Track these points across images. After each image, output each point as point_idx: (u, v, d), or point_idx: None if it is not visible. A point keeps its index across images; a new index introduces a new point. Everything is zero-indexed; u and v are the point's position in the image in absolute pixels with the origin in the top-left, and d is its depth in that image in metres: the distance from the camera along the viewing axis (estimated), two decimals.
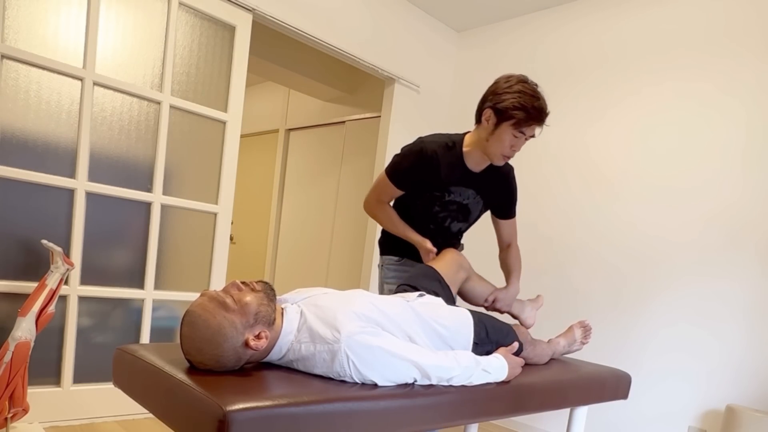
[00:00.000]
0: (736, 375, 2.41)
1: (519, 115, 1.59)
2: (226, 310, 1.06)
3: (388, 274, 1.95)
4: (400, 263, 1.93)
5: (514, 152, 1.70)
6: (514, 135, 1.64)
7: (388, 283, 1.94)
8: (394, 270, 1.94)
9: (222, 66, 2.63)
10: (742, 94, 2.47)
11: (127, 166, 2.39)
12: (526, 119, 1.60)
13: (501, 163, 1.74)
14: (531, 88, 1.61)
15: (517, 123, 1.61)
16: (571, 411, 1.81)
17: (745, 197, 2.43)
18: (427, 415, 1.16)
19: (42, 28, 2.10)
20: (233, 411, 0.86)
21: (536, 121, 1.62)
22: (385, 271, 1.96)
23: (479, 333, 1.45)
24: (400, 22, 3.36)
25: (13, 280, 2.13)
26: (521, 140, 1.66)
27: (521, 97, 1.58)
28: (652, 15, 2.79)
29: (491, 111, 1.64)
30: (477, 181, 1.81)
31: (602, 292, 2.88)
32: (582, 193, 3.00)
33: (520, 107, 1.58)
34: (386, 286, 1.94)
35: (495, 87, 1.66)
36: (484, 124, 1.68)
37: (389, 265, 1.95)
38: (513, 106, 1.59)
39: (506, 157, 1.71)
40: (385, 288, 1.94)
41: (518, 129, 1.62)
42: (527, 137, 1.67)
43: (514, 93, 1.59)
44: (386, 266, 1.96)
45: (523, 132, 1.64)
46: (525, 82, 1.62)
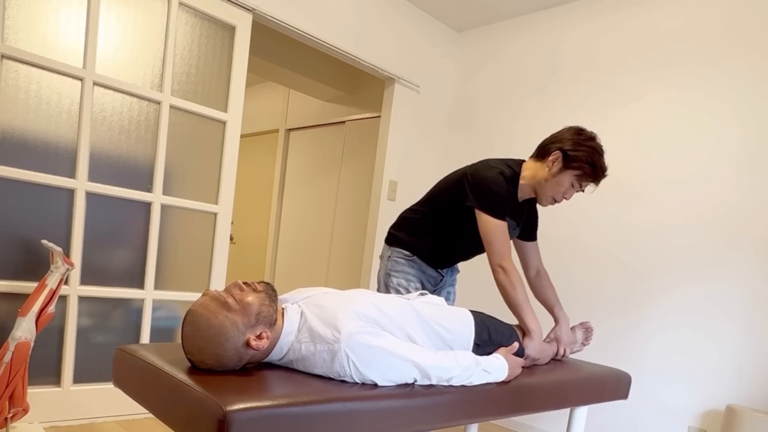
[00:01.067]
0: (735, 375, 2.41)
1: (587, 169, 1.66)
2: (228, 310, 1.06)
3: (395, 267, 1.90)
4: (411, 259, 1.89)
5: (562, 200, 1.75)
6: (572, 185, 1.70)
7: (395, 276, 1.89)
8: (404, 265, 1.90)
9: (222, 66, 2.63)
10: (746, 94, 2.47)
11: (127, 166, 2.39)
12: (592, 175, 1.67)
13: (546, 205, 1.78)
14: (601, 147, 1.68)
15: (582, 176, 1.68)
16: (571, 411, 1.81)
17: (743, 197, 2.43)
18: (427, 415, 1.16)
19: (42, 28, 2.10)
20: (233, 411, 0.86)
21: (597, 180, 1.68)
22: (393, 263, 1.91)
23: (481, 334, 1.45)
24: (401, 22, 3.36)
25: (13, 280, 2.13)
26: (574, 191, 1.72)
27: (593, 154, 1.65)
28: (653, 15, 2.79)
29: (561, 154, 1.67)
30: (520, 212, 1.83)
31: (603, 292, 2.88)
32: (586, 193, 3.00)
33: (591, 162, 1.65)
34: (393, 278, 1.89)
35: (567, 134, 1.70)
36: (549, 164, 1.70)
37: (398, 258, 1.91)
38: (584, 159, 1.65)
39: (554, 201, 1.75)
40: (392, 280, 1.89)
41: (579, 181, 1.69)
42: (579, 191, 1.73)
43: (588, 147, 1.66)
44: (394, 258, 1.91)
45: (581, 185, 1.70)
46: (596, 140, 1.68)
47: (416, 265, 1.90)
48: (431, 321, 1.35)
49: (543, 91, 3.22)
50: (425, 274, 1.92)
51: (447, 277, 2.03)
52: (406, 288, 1.87)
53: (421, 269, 1.91)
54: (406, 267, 1.89)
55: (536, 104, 3.25)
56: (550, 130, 3.15)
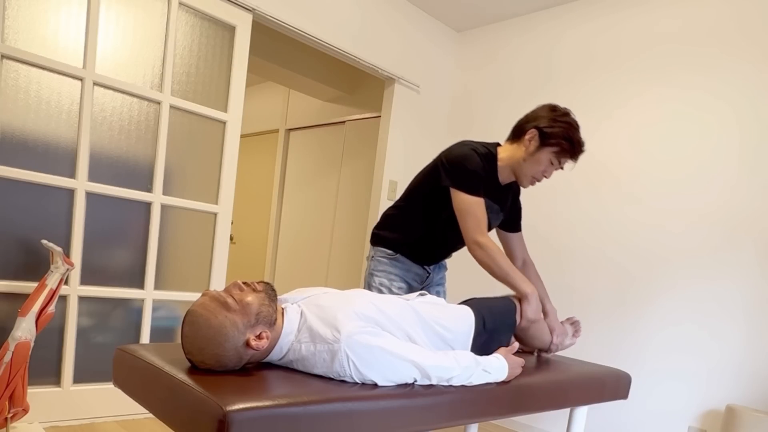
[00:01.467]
0: (735, 375, 2.41)
1: (565, 145, 1.66)
2: (228, 310, 1.06)
3: (378, 267, 1.86)
4: (394, 258, 1.85)
5: (543, 179, 1.75)
6: (551, 162, 1.70)
7: (377, 275, 1.84)
8: (386, 264, 1.85)
9: (222, 66, 2.63)
10: (747, 94, 2.47)
11: (127, 166, 2.39)
12: (570, 151, 1.67)
13: (527, 185, 1.78)
14: (576, 122, 1.68)
15: (560, 152, 1.68)
16: (571, 411, 1.81)
17: (743, 197, 2.43)
18: (427, 415, 1.16)
19: (42, 28, 2.10)
20: (233, 411, 0.86)
21: (575, 155, 1.69)
22: (375, 263, 1.87)
23: (478, 326, 1.46)
24: (400, 22, 3.36)
25: (13, 280, 2.13)
26: (553, 169, 1.72)
27: (569, 129, 1.66)
28: (652, 15, 2.79)
29: (537, 132, 1.67)
30: (502, 194, 1.82)
31: (602, 292, 2.88)
32: (584, 193, 3.00)
33: (568, 138, 1.65)
34: (376, 278, 1.84)
35: (541, 112, 1.70)
36: (525, 143, 1.70)
37: (381, 257, 1.86)
38: (561, 135, 1.65)
39: (535, 181, 1.75)
40: (374, 280, 1.84)
41: (558, 157, 1.69)
42: (558, 168, 1.72)
43: (563, 123, 1.66)
44: (377, 258, 1.87)
45: (560, 162, 1.70)
46: (571, 116, 1.69)
47: (400, 263, 1.85)
48: (431, 321, 1.35)
49: (543, 91, 3.22)
50: (410, 272, 1.87)
51: (434, 275, 1.97)
52: (389, 287, 1.83)
53: (405, 268, 1.85)
54: (388, 266, 1.85)
55: (536, 104, 3.24)
56: None
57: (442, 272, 2.03)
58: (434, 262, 1.93)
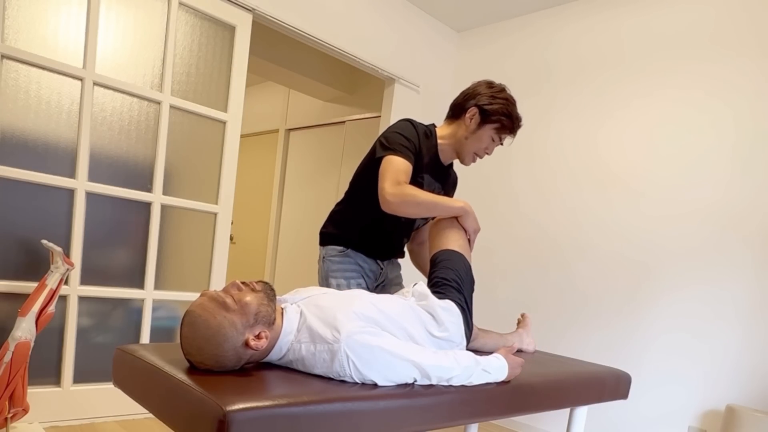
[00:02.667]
0: (735, 375, 2.41)
1: (505, 121, 1.68)
2: (226, 310, 1.06)
3: (331, 267, 1.77)
4: (344, 254, 1.77)
5: (484, 155, 1.77)
6: (492, 138, 1.72)
7: (335, 277, 1.76)
8: (339, 262, 1.77)
9: (222, 66, 2.63)
10: (752, 93, 2.47)
11: (127, 166, 2.39)
12: (510, 127, 1.69)
13: (469, 163, 1.79)
14: (513, 98, 1.71)
15: (501, 128, 1.69)
16: (571, 411, 1.81)
17: (744, 199, 2.43)
18: (427, 415, 1.16)
19: (42, 28, 2.10)
20: (233, 411, 0.86)
21: (514, 131, 1.72)
22: (328, 264, 1.78)
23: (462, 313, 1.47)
24: (400, 22, 3.36)
25: (13, 280, 2.13)
26: (494, 145, 1.74)
27: (508, 105, 1.68)
28: (654, 15, 2.79)
29: (477, 110, 1.68)
30: (443, 174, 1.84)
31: (602, 292, 2.88)
32: (588, 194, 3.00)
33: (508, 114, 1.67)
34: (333, 280, 1.76)
35: (480, 89, 1.71)
36: (466, 121, 1.71)
37: (332, 256, 1.78)
38: (501, 111, 1.67)
39: (476, 158, 1.77)
40: (332, 282, 1.76)
41: (498, 134, 1.71)
42: (499, 144, 1.75)
43: (502, 99, 1.68)
44: (329, 258, 1.78)
45: (500, 138, 1.72)
46: (507, 92, 1.71)
47: (351, 259, 1.77)
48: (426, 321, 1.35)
49: (543, 90, 3.22)
50: (362, 267, 1.79)
51: (388, 272, 1.90)
52: (347, 286, 1.75)
53: (357, 262, 1.78)
54: (341, 264, 1.77)
55: (537, 104, 3.25)
56: (551, 130, 3.16)
57: (397, 271, 1.96)
58: (387, 255, 1.87)
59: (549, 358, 1.86)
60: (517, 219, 3.29)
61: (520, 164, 3.31)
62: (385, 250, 1.85)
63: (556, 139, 3.14)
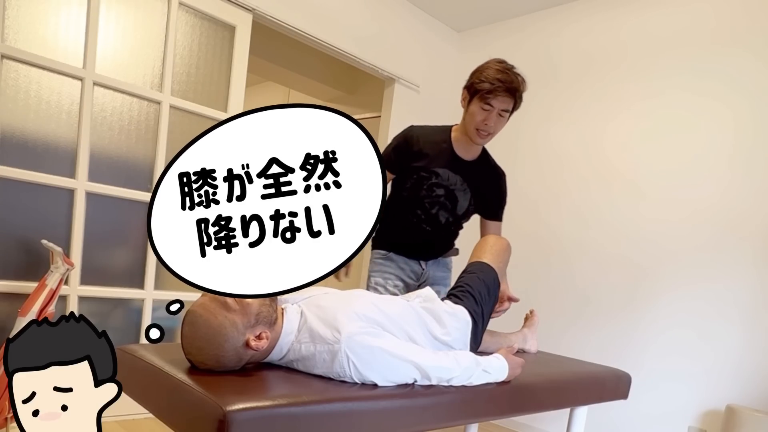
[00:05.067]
0: (735, 375, 2.41)
1: (484, 86, 1.69)
2: (228, 310, 1.06)
3: (374, 267, 1.97)
4: (386, 257, 1.94)
5: (488, 128, 1.74)
6: (483, 108, 1.72)
7: (373, 275, 1.95)
8: (380, 264, 1.94)
9: (222, 66, 2.63)
10: (753, 93, 2.47)
11: (127, 166, 2.39)
12: (491, 90, 1.68)
13: (479, 141, 1.80)
14: (501, 66, 1.71)
15: (484, 95, 1.69)
16: (571, 411, 1.81)
17: (744, 197, 2.42)
18: (427, 415, 1.16)
19: (42, 28, 2.10)
20: (233, 411, 0.86)
21: (501, 92, 1.68)
22: (372, 264, 1.98)
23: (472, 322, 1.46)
24: (400, 22, 3.36)
25: (13, 280, 2.13)
26: (493, 114, 1.72)
27: (487, 71, 1.71)
28: (655, 15, 2.79)
29: (465, 90, 1.77)
30: (465, 169, 1.85)
31: (603, 292, 2.88)
32: (589, 193, 3.00)
33: (484, 80, 1.70)
34: (372, 279, 1.95)
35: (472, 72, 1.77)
36: (462, 105, 1.79)
37: (376, 258, 1.97)
38: (479, 80, 1.71)
39: (481, 133, 1.76)
40: (371, 280, 1.95)
41: (486, 101, 1.70)
42: (499, 111, 1.71)
43: (483, 70, 1.73)
44: (373, 259, 1.98)
45: (491, 104, 1.70)
46: (498, 62, 1.74)
47: (393, 262, 1.93)
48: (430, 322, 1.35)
49: (545, 91, 3.22)
50: (404, 270, 1.94)
51: (431, 272, 1.99)
52: (384, 286, 1.90)
53: (398, 265, 1.93)
54: (382, 265, 1.93)
55: (538, 104, 3.25)
56: (554, 130, 3.16)
57: (443, 271, 2.04)
58: (429, 255, 1.97)
59: (549, 358, 1.86)
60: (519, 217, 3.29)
61: (524, 163, 3.30)
62: (425, 251, 1.94)
63: (559, 139, 3.14)
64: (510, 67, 1.72)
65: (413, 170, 1.83)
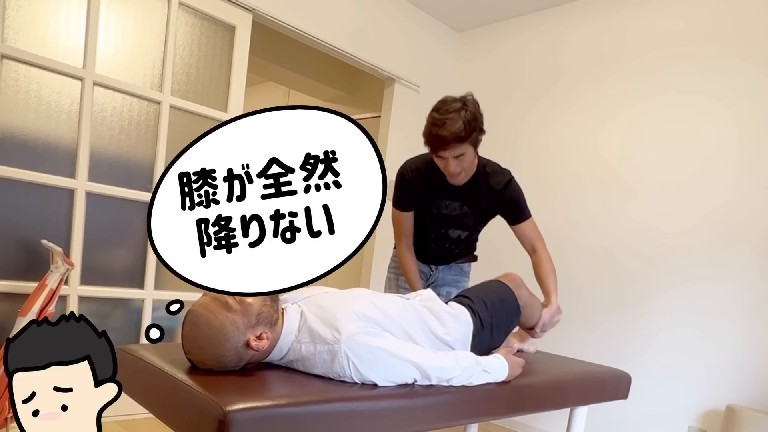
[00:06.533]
0: (736, 375, 2.41)
1: (427, 143, 1.69)
2: (228, 310, 1.06)
3: (391, 264, 2.15)
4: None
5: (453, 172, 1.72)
6: (437, 158, 1.72)
7: (388, 272, 2.16)
8: (395, 261, 2.10)
9: (222, 66, 2.63)
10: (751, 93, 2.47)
11: (127, 166, 2.39)
12: (432, 147, 1.69)
13: (454, 181, 1.79)
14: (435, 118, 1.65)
15: (431, 150, 1.71)
16: (571, 411, 1.81)
17: (744, 197, 2.42)
18: (427, 415, 1.16)
19: (42, 28, 2.10)
20: (233, 411, 0.86)
21: (439, 148, 1.66)
22: (391, 261, 2.17)
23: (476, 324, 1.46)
24: (401, 22, 3.36)
25: (13, 280, 2.13)
26: (449, 161, 1.69)
27: (426, 129, 1.68)
28: (654, 16, 2.79)
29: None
30: (462, 194, 1.85)
31: (603, 291, 2.88)
32: (586, 192, 3.00)
33: (426, 136, 1.69)
34: (387, 273, 2.17)
35: None
36: None
37: (394, 257, 2.13)
38: (425, 137, 1.69)
39: (451, 176, 1.75)
40: (386, 275, 2.17)
41: (436, 154, 1.70)
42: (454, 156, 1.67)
43: (426, 124, 1.69)
44: (393, 257, 2.16)
45: (440, 156, 1.69)
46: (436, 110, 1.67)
47: None
48: (430, 321, 1.35)
49: (545, 91, 3.22)
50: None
51: (441, 275, 2.08)
52: (395, 281, 2.09)
53: None
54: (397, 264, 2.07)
55: (539, 104, 3.25)
56: (553, 130, 3.16)
57: (455, 275, 2.10)
58: (439, 262, 2.06)
59: (549, 358, 1.86)
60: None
61: (523, 164, 3.30)
62: (436, 258, 2.04)
63: (558, 140, 3.14)
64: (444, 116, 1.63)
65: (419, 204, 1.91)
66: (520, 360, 1.43)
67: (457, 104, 1.65)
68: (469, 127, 1.63)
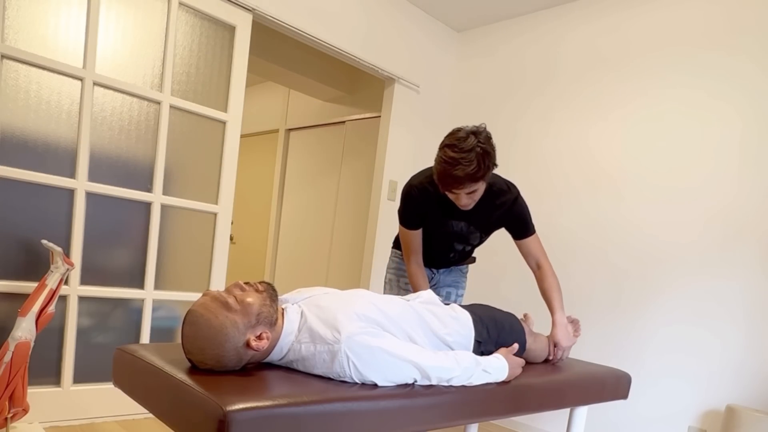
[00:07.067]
0: (736, 375, 2.41)
1: (439, 182, 1.63)
2: (228, 310, 1.06)
3: (391, 264, 2.18)
4: (402, 258, 2.10)
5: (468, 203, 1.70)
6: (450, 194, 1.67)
7: (388, 272, 2.18)
8: (397, 262, 2.14)
9: (222, 66, 2.63)
10: (750, 92, 2.47)
11: (127, 166, 2.39)
12: (444, 186, 1.63)
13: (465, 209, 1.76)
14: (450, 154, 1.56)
15: (442, 187, 1.65)
16: (571, 411, 1.81)
17: (744, 196, 2.43)
18: (427, 415, 1.16)
19: (42, 28, 2.10)
20: (233, 411, 0.86)
21: (451, 188, 1.62)
22: (390, 262, 2.19)
23: (481, 332, 1.45)
24: (400, 22, 3.36)
25: (13, 280, 2.13)
26: (461, 196, 1.65)
27: (438, 165, 1.60)
28: (654, 16, 2.79)
29: None
30: (468, 215, 1.84)
31: (603, 291, 2.88)
32: (584, 192, 3.00)
33: (438, 175, 1.62)
34: (387, 274, 2.19)
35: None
36: None
37: (394, 257, 2.17)
38: (436, 173, 1.62)
39: (463, 207, 1.72)
40: (386, 276, 2.19)
41: (447, 192, 1.66)
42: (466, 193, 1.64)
43: (438, 159, 1.61)
44: (392, 257, 2.19)
45: (453, 192, 1.64)
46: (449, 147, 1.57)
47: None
48: (431, 322, 1.35)
49: (544, 91, 3.22)
50: None
51: (442, 277, 2.12)
52: (396, 282, 2.13)
53: None
54: (399, 265, 2.14)
55: (538, 104, 3.25)
56: (551, 131, 3.16)
57: (455, 276, 2.15)
58: (439, 266, 2.10)
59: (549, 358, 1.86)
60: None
61: (520, 164, 3.31)
62: (438, 264, 2.08)
63: (557, 140, 3.14)
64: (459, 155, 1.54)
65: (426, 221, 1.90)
66: (520, 360, 1.43)
67: (471, 141, 1.55)
68: (484, 167, 1.56)
